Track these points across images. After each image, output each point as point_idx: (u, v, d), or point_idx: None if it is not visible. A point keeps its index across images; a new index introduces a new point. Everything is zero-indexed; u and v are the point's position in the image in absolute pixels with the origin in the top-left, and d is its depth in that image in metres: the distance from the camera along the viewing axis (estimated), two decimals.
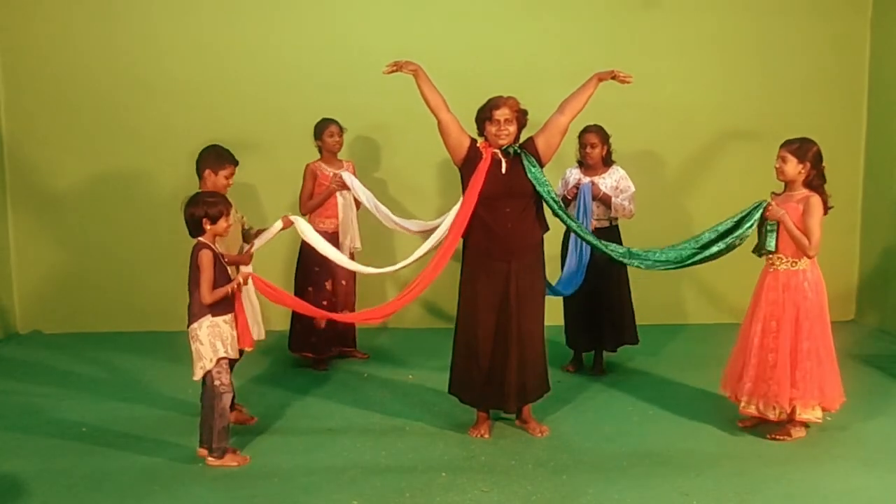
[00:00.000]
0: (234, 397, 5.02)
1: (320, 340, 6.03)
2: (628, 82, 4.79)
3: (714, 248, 4.64)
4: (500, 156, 4.64)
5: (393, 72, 4.60)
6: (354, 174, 6.02)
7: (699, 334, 7.20)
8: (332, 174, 5.95)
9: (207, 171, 4.87)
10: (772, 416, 4.68)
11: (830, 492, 4.08)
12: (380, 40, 6.95)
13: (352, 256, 5.96)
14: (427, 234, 4.98)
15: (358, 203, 5.94)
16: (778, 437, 4.70)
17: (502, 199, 4.61)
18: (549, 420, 4.96)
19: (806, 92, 7.40)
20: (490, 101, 4.66)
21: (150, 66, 7.02)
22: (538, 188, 4.66)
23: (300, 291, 5.94)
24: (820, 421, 4.70)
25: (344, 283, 6.11)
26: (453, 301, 4.84)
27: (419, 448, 4.61)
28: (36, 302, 7.19)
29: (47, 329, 7.19)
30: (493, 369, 4.68)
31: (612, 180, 5.82)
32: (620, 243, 5.74)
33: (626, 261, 4.77)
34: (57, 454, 4.52)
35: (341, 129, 6.05)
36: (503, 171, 4.62)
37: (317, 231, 5.80)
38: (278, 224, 4.78)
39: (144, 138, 7.04)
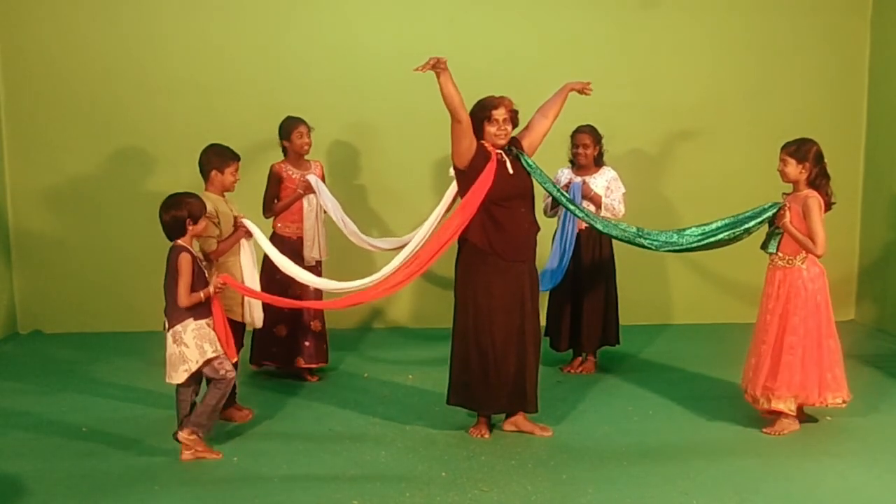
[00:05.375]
0: (235, 395, 5.03)
1: (281, 350, 5.71)
2: (587, 94, 4.86)
3: (721, 236, 4.72)
4: (504, 157, 4.64)
5: (425, 69, 4.34)
6: (323, 176, 5.74)
7: (700, 334, 7.20)
8: (298, 176, 5.64)
9: (213, 172, 4.89)
10: (758, 405, 4.83)
11: (830, 491, 4.08)
12: (380, 41, 6.99)
13: (318, 266, 5.70)
14: (400, 249, 4.93)
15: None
16: (767, 431, 4.79)
17: (516, 199, 4.62)
18: (548, 420, 4.96)
19: (806, 92, 7.41)
20: (486, 100, 4.64)
21: (150, 66, 7.03)
22: (545, 184, 4.73)
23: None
24: (793, 413, 4.77)
25: (313, 288, 5.53)
26: (452, 300, 4.81)
27: (419, 448, 4.61)
28: (36, 302, 7.19)
29: (47, 329, 7.19)
30: (517, 373, 4.64)
31: (604, 180, 5.84)
32: (611, 241, 5.84)
33: (634, 241, 4.79)
34: (57, 454, 4.52)
35: (309, 129, 5.69)
36: (510, 171, 4.63)
37: (282, 236, 5.65)
38: (241, 232, 4.79)
39: (145, 138, 7.05)
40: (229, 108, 7.00)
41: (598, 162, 5.91)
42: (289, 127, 5.70)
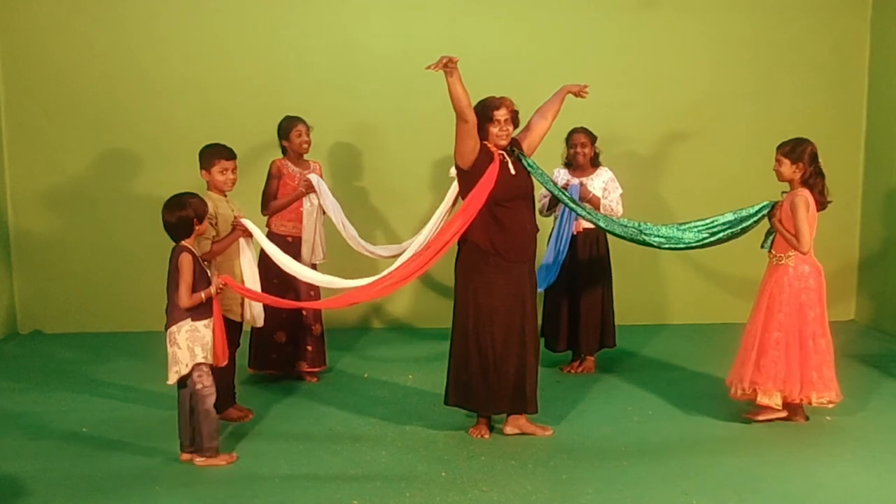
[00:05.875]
0: (235, 395, 5.04)
1: (281, 357, 5.67)
2: (584, 97, 4.86)
3: (721, 235, 4.87)
4: (506, 157, 4.64)
5: (437, 68, 4.32)
6: (321, 176, 5.70)
7: (698, 334, 7.20)
8: (298, 174, 5.61)
9: (203, 173, 4.88)
10: (734, 393, 4.94)
11: (829, 491, 4.09)
12: (381, 41, 6.99)
13: (315, 269, 5.53)
14: (398, 257, 4.91)
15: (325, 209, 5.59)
16: (746, 416, 4.92)
17: (519, 200, 4.63)
18: (548, 420, 4.96)
19: (806, 92, 7.41)
20: (488, 101, 4.63)
21: (150, 66, 7.04)
22: (546, 185, 4.76)
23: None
24: (779, 408, 4.82)
25: (312, 293, 5.63)
26: (452, 300, 4.81)
27: (419, 448, 4.61)
28: (36, 302, 7.19)
29: (47, 329, 7.19)
30: (517, 374, 4.65)
31: (601, 181, 5.85)
32: (607, 244, 5.87)
33: (637, 238, 4.83)
34: (57, 455, 4.52)
35: (308, 128, 5.66)
36: (512, 172, 4.63)
37: (276, 234, 5.55)
38: (238, 232, 4.77)
39: (145, 138, 7.05)
40: (229, 108, 7.00)
41: (595, 162, 5.93)
42: (287, 126, 5.66)
